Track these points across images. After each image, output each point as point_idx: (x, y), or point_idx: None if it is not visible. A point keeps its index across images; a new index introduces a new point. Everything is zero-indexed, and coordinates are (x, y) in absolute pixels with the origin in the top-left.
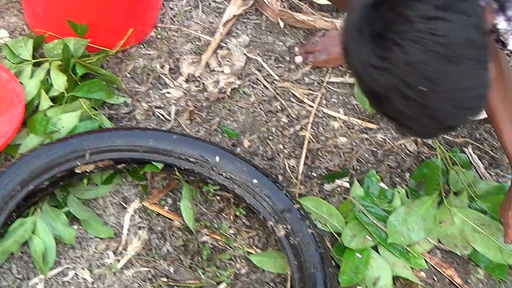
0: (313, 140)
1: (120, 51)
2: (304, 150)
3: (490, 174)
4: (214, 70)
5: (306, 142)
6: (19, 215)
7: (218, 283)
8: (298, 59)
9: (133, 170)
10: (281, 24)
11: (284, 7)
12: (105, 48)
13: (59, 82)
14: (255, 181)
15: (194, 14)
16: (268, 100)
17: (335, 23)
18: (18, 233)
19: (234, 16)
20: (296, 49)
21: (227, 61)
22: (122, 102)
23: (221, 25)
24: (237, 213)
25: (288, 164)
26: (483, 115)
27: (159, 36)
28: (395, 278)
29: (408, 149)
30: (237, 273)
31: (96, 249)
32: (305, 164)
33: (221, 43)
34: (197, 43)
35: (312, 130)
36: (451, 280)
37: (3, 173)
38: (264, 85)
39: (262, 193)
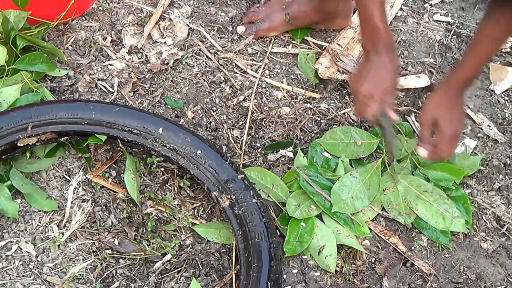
0: (257, 110)
1: (61, 24)
2: (248, 121)
3: None
4: (156, 42)
5: (249, 113)
6: None
7: (163, 255)
8: (240, 28)
9: (76, 143)
10: None
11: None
12: (46, 21)
13: None
14: (199, 152)
15: None
16: (212, 71)
17: None
18: None
19: None
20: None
21: (170, 32)
22: (64, 75)
23: None
24: (181, 184)
25: (232, 134)
26: (426, 82)
27: (100, 8)
28: (340, 247)
29: (351, 118)
30: (182, 244)
31: (39, 222)
32: (249, 134)
33: (163, 14)
34: (139, 14)
35: (255, 101)
36: (395, 247)
37: None
38: (207, 56)
39: (206, 164)
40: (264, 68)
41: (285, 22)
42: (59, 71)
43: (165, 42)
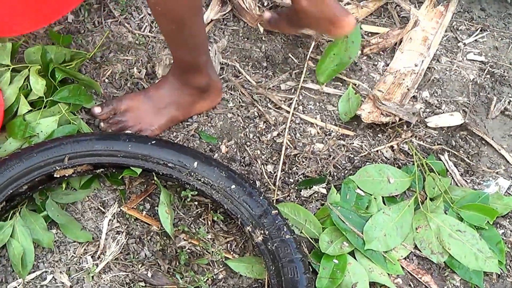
0: (291, 146)
1: (96, 56)
2: (282, 156)
3: (466, 181)
4: None
5: (283, 148)
6: None
7: None
8: (266, 14)
9: (112, 175)
10: (261, 29)
11: (263, 12)
12: (83, 52)
13: (38, 86)
14: (233, 186)
15: None
16: (246, 106)
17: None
18: None
19: (212, 20)
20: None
21: None
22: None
23: None
24: (215, 218)
25: (266, 170)
26: (459, 121)
27: (137, 42)
28: (372, 284)
29: (384, 156)
30: (215, 278)
31: (74, 253)
32: (282, 170)
33: None
34: None
35: (289, 136)
36: (428, 286)
37: None
38: (241, 91)
39: (240, 199)
40: (297, 103)
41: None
42: (95, 103)
43: None
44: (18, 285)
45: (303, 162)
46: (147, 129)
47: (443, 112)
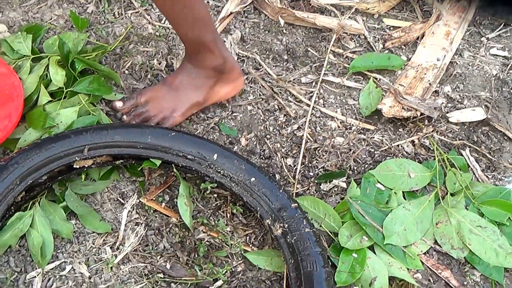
0: (311, 139)
1: (116, 47)
2: (302, 150)
3: (487, 176)
4: None
5: (304, 142)
6: (17, 209)
7: (215, 280)
8: None
9: (131, 166)
10: (281, 22)
11: (284, 5)
12: (103, 44)
13: (58, 77)
14: (252, 179)
15: None
16: (266, 99)
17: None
18: (16, 227)
19: (231, 13)
20: None
21: None
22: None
23: (217, 21)
24: (234, 211)
25: (285, 163)
26: (481, 116)
27: (157, 33)
28: (391, 279)
29: (405, 150)
30: (234, 270)
31: (93, 244)
32: (302, 163)
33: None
34: None
35: (309, 130)
36: (447, 282)
37: (2, 167)
38: (261, 84)
39: (260, 192)
40: (318, 97)
41: None
42: (115, 94)
43: None
44: (37, 275)
45: (323, 155)
46: (169, 117)
47: (465, 107)
